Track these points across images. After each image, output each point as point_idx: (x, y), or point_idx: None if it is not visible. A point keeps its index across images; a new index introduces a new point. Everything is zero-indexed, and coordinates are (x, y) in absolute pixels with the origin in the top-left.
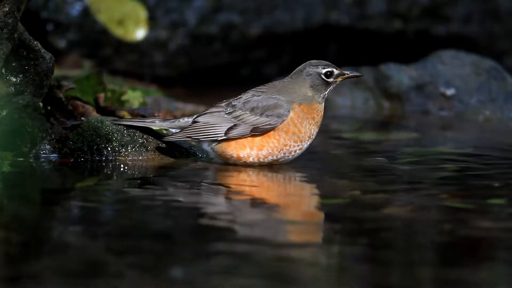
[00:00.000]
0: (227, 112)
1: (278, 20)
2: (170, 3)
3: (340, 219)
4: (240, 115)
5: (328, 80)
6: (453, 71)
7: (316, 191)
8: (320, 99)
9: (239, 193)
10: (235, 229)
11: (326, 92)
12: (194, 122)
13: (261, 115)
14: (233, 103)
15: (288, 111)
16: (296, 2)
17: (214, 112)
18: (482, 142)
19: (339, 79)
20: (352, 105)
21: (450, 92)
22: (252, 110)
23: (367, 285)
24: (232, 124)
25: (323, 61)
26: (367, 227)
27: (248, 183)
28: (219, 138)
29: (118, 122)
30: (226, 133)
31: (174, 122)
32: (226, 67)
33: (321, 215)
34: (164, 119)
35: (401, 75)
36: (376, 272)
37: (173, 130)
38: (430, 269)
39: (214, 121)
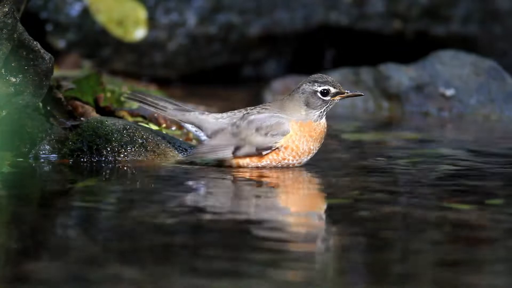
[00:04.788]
0: (232, 132)
1: (277, 21)
2: (170, 3)
3: (340, 219)
4: (245, 137)
5: (324, 98)
6: (453, 72)
7: (316, 191)
8: (315, 117)
9: (239, 192)
10: (235, 228)
11: (323, 110)
12: (201, 143)
13: (265, 135)
14: (237, 123)
15: (290, 127)
16: (295, 3)
17: (221, 137)
18: (481, 142)
19: (337, 97)
20: (351, 105)
21: (449, 92)
22: (256, 130)
23: (367, 285)
24: (238, 145)
25: (322, 77)
26: (367, 227)
27: (248, 183)
28: (228, 158)
29: (132, 97)
30: (233, 153)
31: (184, 115)
32: (226, 68)
33: (321, 215)
34: (177, 109)
35: (401, 76)
36: (376, 272)
37: (184, 124)
38: (429, 269)
39: (220, 143)
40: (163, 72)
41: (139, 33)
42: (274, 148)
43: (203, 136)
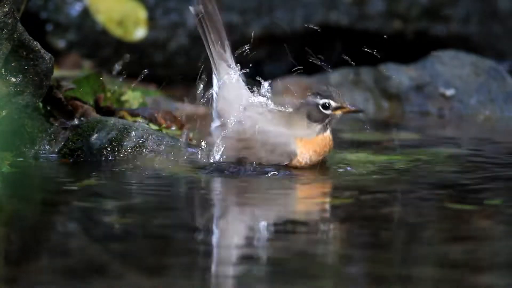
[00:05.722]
0: (238, 139)
1: (277, 21)
2: (170, 3)
3: (340, 219)
4: (250, 146)
5: (325, 112)
6: (453, 72)
7: (315, 191)
8: (317, 130)
9: (239, 193)
10: (234, 229)
11: (325, 124)
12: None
13: (272, 152)
14: (245, 130)
15: (297, 147)
16: (295, 3)
17: (227, 146)
18: (481, 143)
19: (339, 112)
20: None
21: (449, 92)
22: (262, 144)
23: (367, 285)
24: (242, 156)
25: (327, 90)
26: (367, 227)
27: (247, 184)
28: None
29: None
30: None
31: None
32: None
33: (320, 216)
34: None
35: (401, 76)
36: (376, 272)
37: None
38: (429, 269)
39: (225, 154)
40: (163, 72)
41: (139, 33)
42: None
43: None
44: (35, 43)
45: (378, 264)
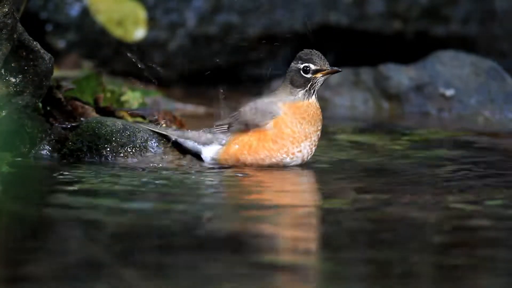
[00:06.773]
0: (230, 117)
1: (277, 21)
2: (170, 3)
3: (340, 220)
4: (239, 118)
5: (306, 76)
6: (453, 72)
7: (315, 191)
8: (300, 96)
9: (238, 194)
10: (233, 230)
11: (308, 89)
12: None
13: (255, 113)
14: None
15: (280, 108)
16: (295, 3)
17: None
18: (481, 143)
19: (319, 75)
20: (351, 106)
21: (449, 92)
22: (250, 110)
23: (367, 285)
24: (231, 123)
25: (308, 54)
26: (367, 227)
27: (248, 184)
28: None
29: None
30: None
31: (184, 133)
32: (226, 68)
33: (320, 216)
34: (176, 129)
35: (401, 76)
36: (376, 273)
37: (184, 141)
38: (429, 269)
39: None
40: (163, 73)
41: (139, 33)
42: (265, 125)
43: (199, 145)
44: (35, 43)
45: (377, 265)
